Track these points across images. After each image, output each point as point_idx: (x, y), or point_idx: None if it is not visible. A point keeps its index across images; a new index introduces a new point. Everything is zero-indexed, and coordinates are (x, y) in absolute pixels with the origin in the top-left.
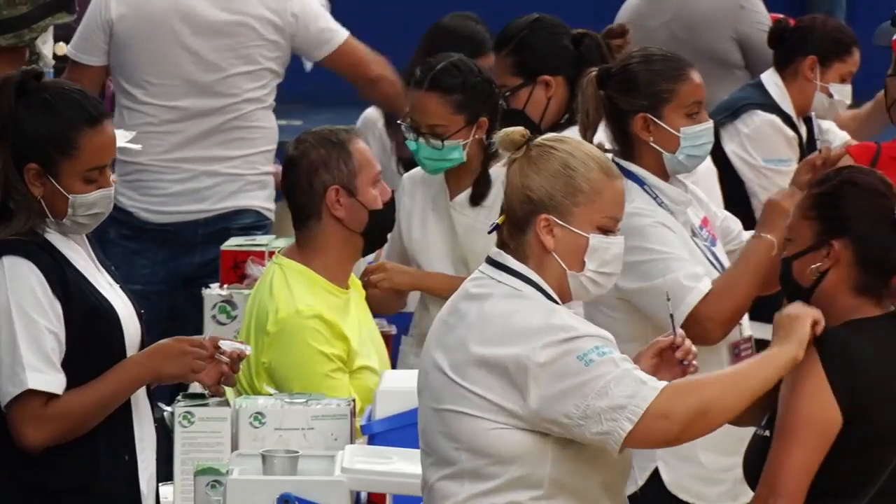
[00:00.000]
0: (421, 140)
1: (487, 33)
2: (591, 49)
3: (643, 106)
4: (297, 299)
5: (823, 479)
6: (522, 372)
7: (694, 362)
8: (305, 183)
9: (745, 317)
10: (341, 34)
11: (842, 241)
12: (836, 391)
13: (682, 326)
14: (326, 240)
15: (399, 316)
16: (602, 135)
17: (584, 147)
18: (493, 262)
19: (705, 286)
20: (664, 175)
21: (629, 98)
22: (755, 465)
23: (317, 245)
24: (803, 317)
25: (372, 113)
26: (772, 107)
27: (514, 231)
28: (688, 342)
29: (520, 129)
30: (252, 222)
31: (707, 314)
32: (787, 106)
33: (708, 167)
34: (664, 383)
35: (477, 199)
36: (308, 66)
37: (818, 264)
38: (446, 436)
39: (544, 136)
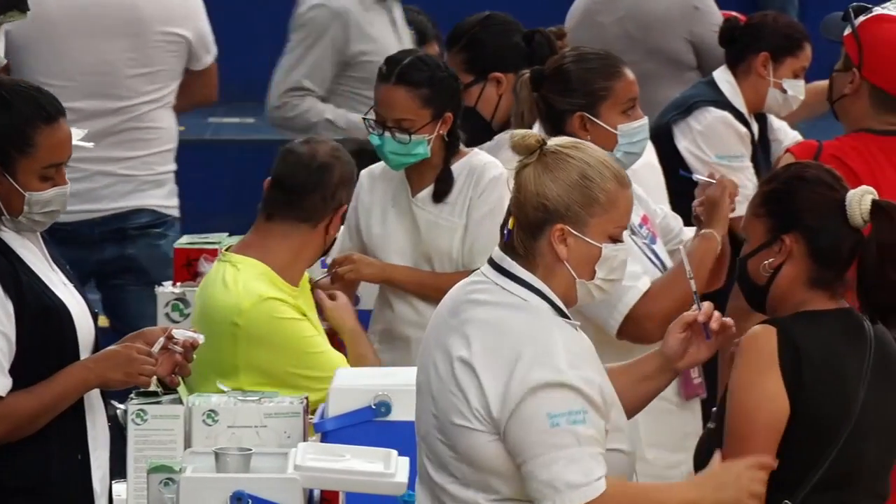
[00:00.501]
0: (386, 134)
1: (430, 23)
2: (543, 46)
3: (580, 105)
4: (256, 288)
5: None
6: (504, 397)
7: (724, 323)
8: (329, 192)
9: None
10: (214, 54)
11: (793, 235)
12: (785, 381)
13: (621, 326)
14: (288, 239)
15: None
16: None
17: (598, 154)
18: (497, 267)
19: (644, 285)
20: None
21: (565, 98)
22: (707, 460)
23: (275, 242)
24: (742, 474)
25: None
26: (724, 104)
27: (525, 237)
28: (708, 306)
29: (535, 133)
30: (149, 221)
31: (645, 313)
32: (740, 103)
33: (647, 163)
34: (604, 485)
35: (440, 196)
36: None
37: (771, 260)
38: (445, 444)
39: (558, 142)
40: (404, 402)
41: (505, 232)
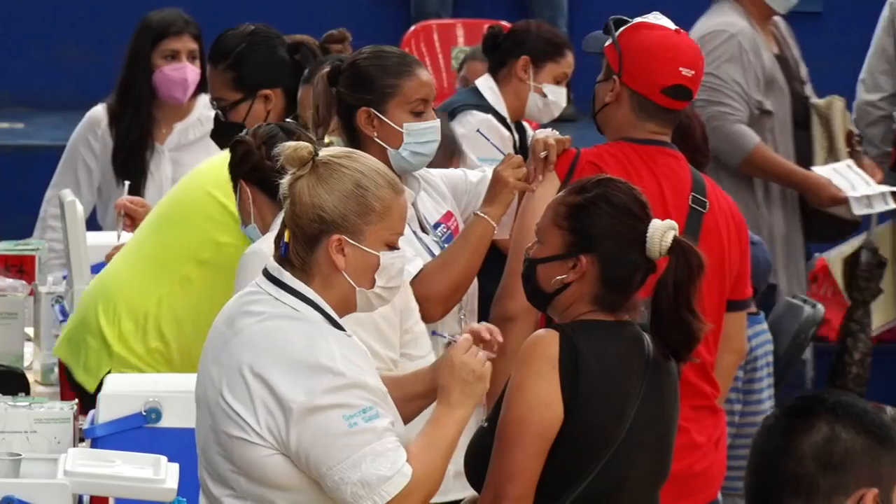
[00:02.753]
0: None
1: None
2: (308, 57)
3: (367, 100)
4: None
5: None
6: (286, 410)
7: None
8: None
9: (475, 314)
10: None
11: (589, 257)
12: (563, 388)
13: None
14: None
15: None
16: None
17: (371, 163)
18: (271, 278)
19: (415, 267)
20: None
21: (355, 92)
22: (477, 459)
23: None
24: (475, 368)
25: (97, 112)
26: (487, 108)
27: (301, 249)
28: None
29: (307, 144)
30: None
31: (422, 294)
32: (502, 108)
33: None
34: (410, 468)
35: None
36: None
37: (564, 276)
38: (222, 456)
39: (330, 152)
40: (175, 408)
41: (281, 245)
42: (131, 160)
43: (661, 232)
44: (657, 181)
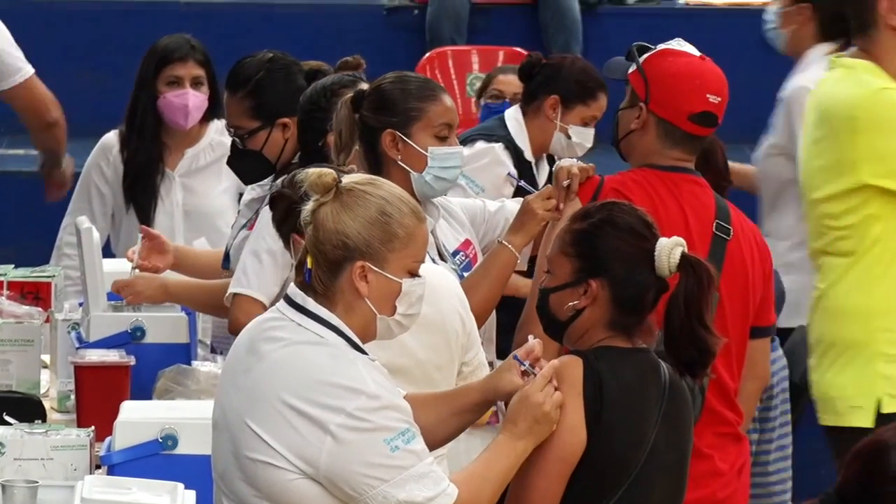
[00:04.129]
0: None
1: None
2: None
3: (392, 122)
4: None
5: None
6: (321, 431)
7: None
8: None
9: (493, 342)
10: (30, 68)
11: (599, 281)
12: (586, 414)
13: None
14: None
15: None
16: None
17: (394, 190)
18: (293, 304)
19: None
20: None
21: (379, 115)
22: None
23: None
24: (549, 410)
25: (109, 138)
26: (503, 138)
27: (324, 276)
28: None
29: (331, 171)
30: None
31: None
32: (523, 140)
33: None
34: (455, 488)
35: None
36: None
37: (575, 302)
38: (246, 482)
39: (353, 179)
40: (192, 435)
41: (304, 271)
42: (139, 185)
43: (669, 249)
44: (681, 208)
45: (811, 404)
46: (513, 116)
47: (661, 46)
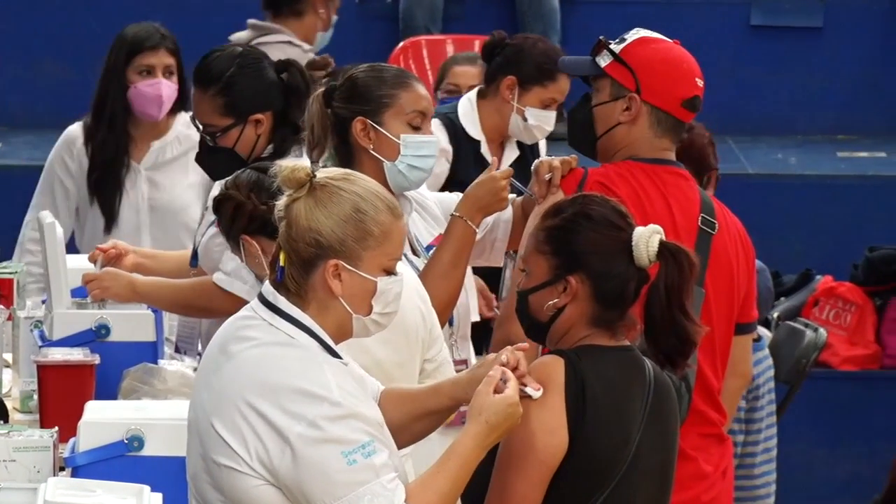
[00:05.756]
0: None
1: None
2: (296, 76)
3: (363, 111)
4: None
5: None
6: (281, 440)
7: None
8: None
9: (468, 339)
10: None
11: (577, 277)
12: (568, 415)
13: None
14: None
15: None
16: None
17: (370, 186)
18: (266, 303)
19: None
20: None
21: (350, 105)
22: (474, 486)
23: None
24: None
25: (73, 130)
26: (444, 115)
27: (297, 273)
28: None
29: (304, 165)
30: None
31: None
32: (471, 120)
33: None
34: None
35: None
36: None
37: (555, 300)
38: (211, 486)
39: (328, 174)
40: (158, 436)
41: (277, 269)
42: (105, 179)
43: (647, 238)
44: (666, 202)
45: (795, 404)
46: (468, 97)
47: (632, 36)
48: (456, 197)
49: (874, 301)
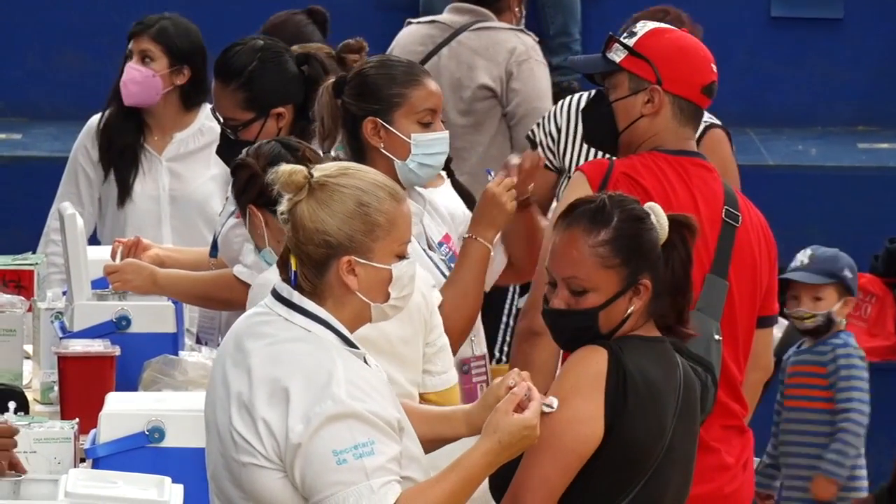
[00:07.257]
0: None
1: None
2: (316, 68)
3: (374, 110)
4: None
5: (569, 496)
6: (285, 434)
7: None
8: None
9: (481, 333)
10: None
11: (647, 277)
12: (606, 406)
13: None
14: None
15: None
16: None
17: (368, 176)
18: (281, 299)
19: (437, 297)
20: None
21: (361, 102)
22: (504, 469)
23: None
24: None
25: (95, 121)
26: None
27: (311, 274)
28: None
29: (301, 168)
30: None
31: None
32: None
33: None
34: None
35: None
36: None
37: (633, 308)
38: (232, 483)
39: (324, 171)
40: (179, 427)
41: (290, 274)
42: (118, 162)
43: (657, 215)
44: (691, 194)
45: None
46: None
47: (641, 28)
48: (462, 213)
49: (894, 292)
